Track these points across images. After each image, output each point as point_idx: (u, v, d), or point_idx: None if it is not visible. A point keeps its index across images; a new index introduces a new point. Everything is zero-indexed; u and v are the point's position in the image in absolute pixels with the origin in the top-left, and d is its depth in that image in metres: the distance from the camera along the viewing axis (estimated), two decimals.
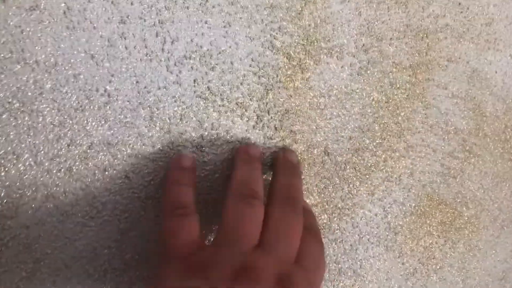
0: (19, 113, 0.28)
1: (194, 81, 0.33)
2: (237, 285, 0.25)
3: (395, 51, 0.41)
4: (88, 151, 0.30)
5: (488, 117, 0.49)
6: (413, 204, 0.46)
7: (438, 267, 0.50)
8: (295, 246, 0.29)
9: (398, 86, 0.42)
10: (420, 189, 0.46)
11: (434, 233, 0.48)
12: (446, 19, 0.43)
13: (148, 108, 0.31)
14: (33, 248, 0.30)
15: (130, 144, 0.31)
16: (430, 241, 0.49)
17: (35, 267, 0.30)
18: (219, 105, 0.34)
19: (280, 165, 0.35)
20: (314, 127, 0.38)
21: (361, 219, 0.43)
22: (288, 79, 0.36)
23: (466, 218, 0.50)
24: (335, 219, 0.42)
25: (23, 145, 0.28)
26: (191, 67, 0.32)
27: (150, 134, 0.32)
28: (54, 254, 0.31)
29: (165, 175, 0.33)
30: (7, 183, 0.28)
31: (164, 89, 0.32)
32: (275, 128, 0.37)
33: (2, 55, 0.27)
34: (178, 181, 0.31)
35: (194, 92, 0.33)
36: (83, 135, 0.30)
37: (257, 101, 0.35)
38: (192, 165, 0.32)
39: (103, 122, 0.30)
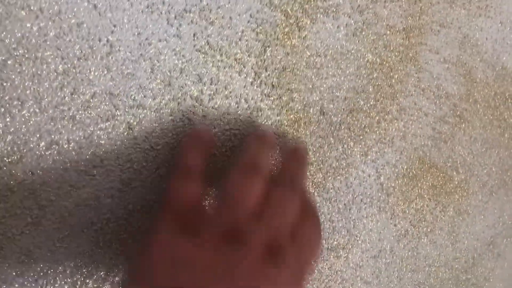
0: (23, 59, 0.28)
1: (194, 35, 0.33)
2: (225, 246, 0.26)
3: (389, 13, 0.42)
4: (91, 100, 0.31)
5: (478, 83, 0.50)
6: (405, 167, 0.47)
7: (429, 229, 0.52)
8: (290, 221, 0.30)
9: (391, 48, 0.43)
10: (412, 152, 0.47)
11: (425, 196, 0.50)
12: None
13: (149, 60, 0.32)
14: (38, 194, 0.31)
15: (131, 95, 0.32)
16: (422, 203, 0.50)
17: (40, 213, 0.31)
18: (218, 60, 0.35)
19: (289, 152, 0.36)
20: (310, 86, 0.39)
21: (354, 179, 0.45)
22: (286, 36, 0.37)
23: (456, 183, 0.52)
24: (330, 178, 0.43)
25: (27, 92, 0.29)
26: (191, 20, 0.33)
27: (151, 86, 0.33)
28: (58, 202, 0.31)
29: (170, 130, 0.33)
30: (12, 129, 0.29)
31: (165, 42, 0.32)
32: (272, 86, 0.37)
33: (7, 0, 0.27)
34: (192, 148, 0.32)
35: (194, 46, 0.34)
36: (86, 84, 0.30)
37: (255, 57, 0.36)
38: (209, 138, 0.33)
39: (105, 72, 0.31)
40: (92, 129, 0.31)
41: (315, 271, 0.44)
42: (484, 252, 0.58)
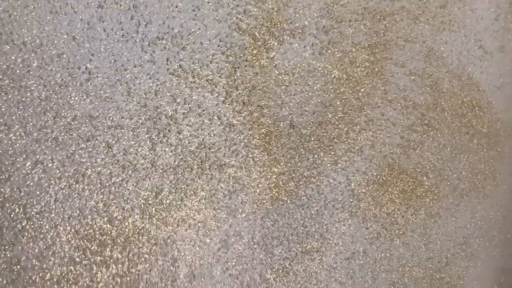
0: (9, 88, 0.31)
1: (167, 59, 0.36)
2: None
3: (354, 32, 0.45)
4: (72, 123, 0.34)
5: (445, 93, 0.53)
6: (375, 173, 0.50)
7: (401, 232, 0.54)
8: None
9: (357, 64, 0.46)
10: (381, 160, 0.50)
11: (396, 200, 0.53)
12: (402, 2, 0.47)
13: (126, 84, 0.35)
14: (25, 207, 0.34)
15: (110, 116, 0.35)
16: (393, 207, 0.53)
17: (28, 224, 0.34)
18: (191, 82, 0.38)
19: None
20: (280, 102, 0.42)
21: (326, 187, 0.48)
22: (254, 58, 0.40)
23: (427, 187, 0.55)
24: (302, 186, 0.46)
25: (13, 117, 0.32)
26: (164, 47, 0.36)
27: (128, 108, 0.36)
28: (45, 214, 0.35)
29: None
30: (0, 151, 0.32)
31: (140, 67, 0.35)
32: (243, 103, 0.40)
33: None
34: None
35: (167, 69, 0.36)
36: (67, 108, 0.33)
37: (225, 78, 0.39)
38: None
39: (85, 97, 0.34)
40: (74, 149, 0.34)
41: (290, 273, 0.47)
42: (457, 252, 0.61)
